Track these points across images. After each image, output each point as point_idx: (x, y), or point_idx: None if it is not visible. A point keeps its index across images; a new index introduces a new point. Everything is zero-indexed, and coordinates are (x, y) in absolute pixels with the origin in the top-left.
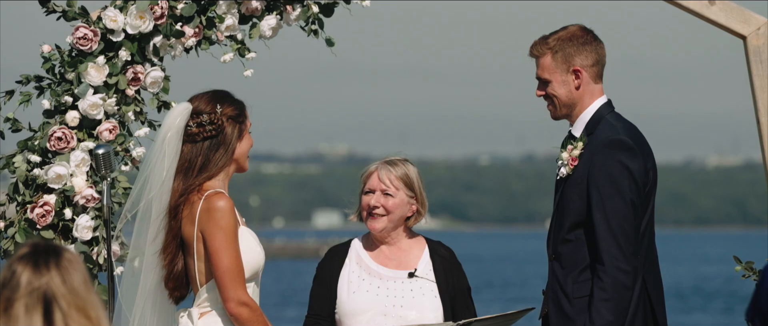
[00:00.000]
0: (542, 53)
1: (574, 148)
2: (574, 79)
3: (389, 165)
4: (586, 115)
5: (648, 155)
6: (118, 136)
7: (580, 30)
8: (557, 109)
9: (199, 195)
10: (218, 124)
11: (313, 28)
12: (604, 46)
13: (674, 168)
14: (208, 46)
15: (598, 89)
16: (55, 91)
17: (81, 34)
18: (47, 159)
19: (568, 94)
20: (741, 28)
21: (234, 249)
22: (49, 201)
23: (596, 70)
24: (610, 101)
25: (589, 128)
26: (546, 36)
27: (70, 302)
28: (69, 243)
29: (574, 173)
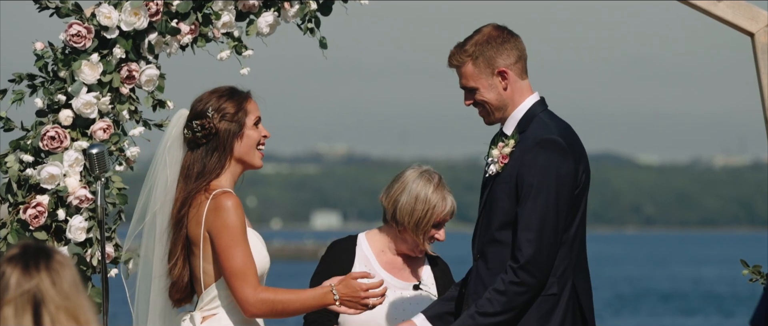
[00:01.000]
0: (462, 62)
1: (505, 145)
2: (501, 81)
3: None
4: (518, 113)
5: (581, 156)
6: (113, 136)
7: (494, 29)
8: (490, 114)
9: (207, 195)
10: (209, 130)
11: (309, 26)
12: (521, 40)
13: (680, 168)
14: (205, 43)
15: (527, 85)
16: (48, 90)
17: (74, 31)
18: (40, 159)
19: (497, 98)
20: (749, 25)
21: (244, 248)
22: (41, 202)
23: (520, 66)
24: (543, 99)
25: (521, 126)
26: (461, 43)
27: (59, 305)
28: (62, 244)
29: (503, 171)
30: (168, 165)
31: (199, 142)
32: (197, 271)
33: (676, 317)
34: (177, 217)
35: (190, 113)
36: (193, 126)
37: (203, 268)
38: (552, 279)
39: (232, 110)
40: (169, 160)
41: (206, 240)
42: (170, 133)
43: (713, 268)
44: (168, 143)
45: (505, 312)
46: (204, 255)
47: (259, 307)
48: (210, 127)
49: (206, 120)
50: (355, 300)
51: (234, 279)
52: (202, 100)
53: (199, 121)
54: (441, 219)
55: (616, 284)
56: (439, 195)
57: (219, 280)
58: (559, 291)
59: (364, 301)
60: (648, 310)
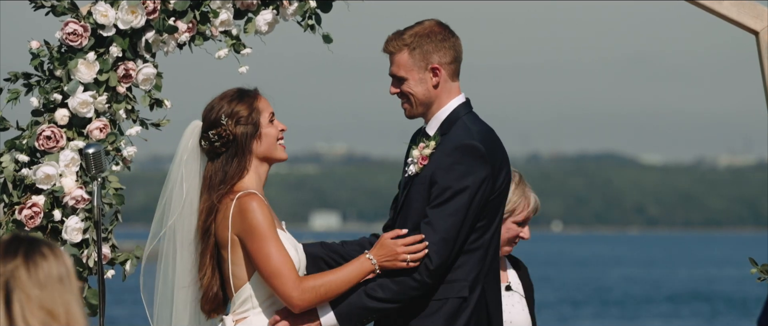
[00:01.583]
0: (398, 49)
1: (426, 146)
2: (432, 77)
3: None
4: (442, 113)
5: (502, 162)
6: (109, 135)
7: (437, 25)
8: (413, 107)
9: (231, 198)
10: (226, 137)
11: (309, 22)
12: (460, 42)
13: (684, 169)
14: (202, 41)
15: (456, 87)
16: (44, 89)
17: (70, 29)
18: (36, 158)
19: (425, 93)
20: (753, 24)
21: (275, 245)
22: (37, 203)
23: (454, 67)
24: (469, 101)
25: (443, 128)
26: (401, 31)
27: (31, 295)
28: (58, 245)
29: (421, 172)
30: (185, 180)
31: (219, 151)
32: (227, 275)
33: (677, 319)
34: (204, 228)
35: (203, 124)
36: (210, 137)
37: (232, 272)
38: (464, 283)
39: (245, 112)
40: (185, 174)
41: (235, 244)
42: (186, 146)
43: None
44: (184, 157)
45: (392, 301)
46: (232, 259)
47: (304, 298)
48: (227, 134)
49: (222, 128)
50: (393, 258)
51: (273, 279)
52: (214, 108)
53: (214, 130)
54: (524, 218)
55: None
56: (519, 194)
57: (248, 283)
58: (469, 295)
59: (402, 257)
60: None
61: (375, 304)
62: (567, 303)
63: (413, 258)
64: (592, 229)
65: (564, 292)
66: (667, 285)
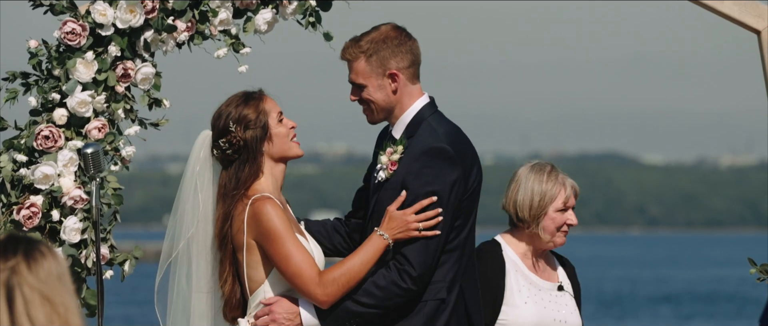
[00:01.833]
0: (355, 57)
1: (394, 151)
2: (391, 83)
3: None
4: (406, 116)
5: (472, 161)
6: (108, 135)
7: (393, 30)
8: (374, 113)
9: (245, 202)
10: (237, 143)
11: (310, 20)
12: (418, 44)
13: (685, 168)
14: (201, 41)
15: (417, 89)
16: (42, 88)
17: (69, 28)
18: (34, 158)
19: (385, 99)
20: (755, 23)
21: (293, 245)
22: (35, 203)
23: (413, 70)
24: (433, 100)
25: (409, 130)
26: (358, 38)
27: (34, 287)
28: (56, 245)
29: (391, 177)
30: (200, 190)
31: (231, 158)
32: (243, 279)
33: (680, 321)
34: (221, 235)
35: (213, 132)
36: (221, 145)
37: (248, 275)
38: (442, 284)
39: (253, 116)
40: (199, 185)
41: (250, 248)
42: (198, 156)
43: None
44: (197, 168)
45: (376, 307)
46: (248, 262)
47: (328, 293)
48: (237, 140)
49: (231, 135)
50: (405, 229)
51: (295, 279)
52: (221, 116)
53: (224, 138)
54: (564, 203)
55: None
56: (552, 182)
57: (264, 284)
58: (447, 296)
59: (414, 226)
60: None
61: (358, 309)
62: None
63: (426, 226)
64: (593, 229)
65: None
66: (668, 286)
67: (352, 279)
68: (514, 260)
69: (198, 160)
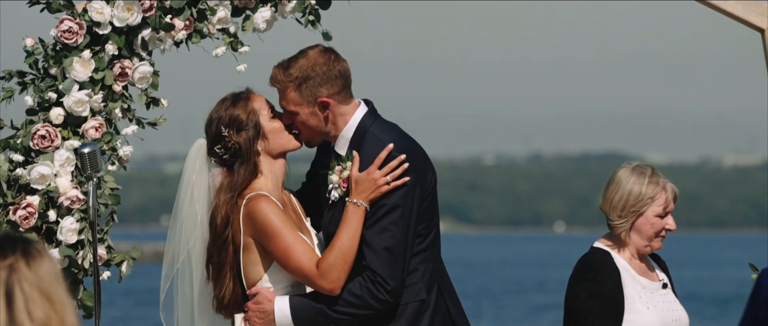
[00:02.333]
0: (285, 86)
1: (343, 169)
2: (323, 110)
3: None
4: (347, 132)
5: (424, 162)
6: (105, 134)
7: (321, 55)
8: (311, 138)
9: (240, 202)
10: (233, 147)
11: (310, 19)
12: (346, 63)
13: (688, 168)
14: (199, 39)
15: (352, 106)
16: (39, 87)
17: (66, 27)
18: (30, 158)
19: (318, 124)
20: (759, 21)
21: (293, 240)
22: (32, 203)
23: (344, 93)
24: (371, 106)
25: (354, 145)
26: (286, 64)
27: (33, 284)
28: (53, 246)
29: (345, 195)
30: (196, 201)
31: (230, 162)
32: (241, 276)
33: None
34: (221, 239)
35: (207, 140)
36: (217, 152)
37: (246, 273)
38: (420, 285)
39: (243, 116)
40: (196, 195)
41: (248, 247)
42: (193, 166)
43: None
44: (193, 177)
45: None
46: (247, 260)
47: (332, 279)
48: (232, 144)
49: (225, 140)
50: (375, 188)
51: (298, 274)
52: (212, 122)
53: (219, 144)
54: (664, 209)
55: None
56: (653, 185)
57: (262, 279)
58: (427, 296)
59: (383, 182)
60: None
61: (334, 315)
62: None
63: (393, 176)
64: (595, 230)
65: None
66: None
67: (347, 257)
68: (625, 266)
69: (194, 169)
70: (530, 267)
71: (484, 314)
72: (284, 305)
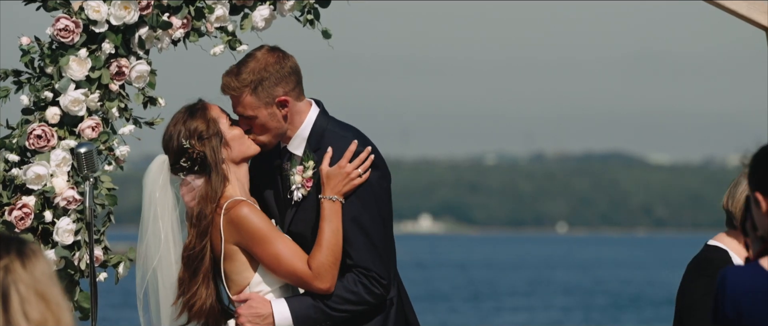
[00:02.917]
0: (240, 92)
1: (306, 169)
2: (282, 109)
3: None
4: (302, 131)
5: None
6: (102, 134)
7: (270, 55)
8: (269, 141)
9: (218, 211)
10: (198, 157)
11: (309, 17)
12: (295, 60)
13: (693, 168)
14: (197, 38)
15: (305, 104)
16: (35, 86)
17: (62, 25)
18: (26, 158)
19: (278, 125)
20: (763, 20)
21: (280, 242)
22: (28, 203)
23: (298, 90)
24: (322, 106)
25: (312, 144)
26: (237, 71)
27: (29, 285)
28: (49, 247)
29: (309, 194)
30: (160, 218)
31: (198, 174)
32: (224, 284)
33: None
34: (197, 251)
35: (169, 156)
36: (182, 165)
37: (233, 280)
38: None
39: (203, 126)
40: (160, 212)
41: (232, 254)
42: (156, 182)
43: None
44: (156, 194)
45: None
46: (232, 268)
47: (325, 278)
48: (197, 154)
49: (189, 152)
50: (347, 179)
51: (291, 277)
52: (172, 137)
53: (184, 157)
54: None
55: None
56: None
57: (247, 288)
58: (393, 295)
59: (354, 175)
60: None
61: (333, 313)
62: (573, 307)
63: (364, 168)
64: (598, 231)
65: (570, 296)
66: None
67: (336, 253)
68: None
69: (156, 186)
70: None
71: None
72: (283, 308)
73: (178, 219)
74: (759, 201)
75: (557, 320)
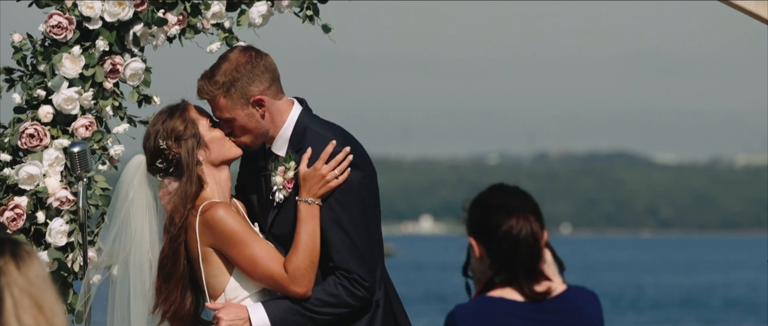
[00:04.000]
0: (214, 95)
1: (287, 169)
2: (258, 109)
3: None
4: (285, 131)
5: (368, 157)
6: (95, 133)
7: (242, 55)
8: (251, 142)
9: (194, 213)
10: (173, 159)
11: (308, 13)
12: (270, 58)
13: (699, 168)
14: (193, 34)
15: (285, 102)
16: (27, 84)
17: (55, 21)
18: (18, 158)
19: (257, 125)
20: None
21: (256, 244)
22: (20, 204)
23: (275, 87)
24: (305, 104)
25: (294, 144)
26: (210, 74)
27: (23, 288)
28: (42, 249)
29: (291, 196)
30: (133, 218)
31: (175, 175)
32: (202, 288)
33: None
34: (171, 253)
35: (146, 156)
36: (158, 166)
37: (208, 283)
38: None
39: (181, 127)
40: (133, 212)
41: (207, 256)
42: (131, 182)
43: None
44: (130, 194)
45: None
46: (206, 270)
47: (301, 282)
48: (173, 155)
49: (165, 153)
50: (323, 182)
51: (267, 281)
52: (150, 137)
53: (160, 158)
54: None
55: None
56: None
57: (227, 286)
58: (379, 297)
59: (331, 177)
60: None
61: (313, 316)
62: None
63: (341, 169)
64: (602, 232)
65: None
66: (680, 290)
67: (313, 256)
68: None
69: (132, 186)
70: None
71: None
72: (261, 313)
73: (158, 222)
74: (473, 246)
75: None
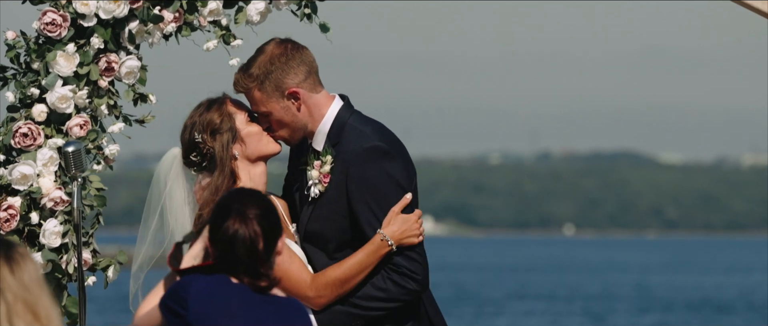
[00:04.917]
0: (249, 88)
1: (323, 163)
2: (294, 102)
3: None
4: (324, 126)
5: (407, 152)
6: (90, 132)
7: (277, 47)
8: (290, 136)
9: None
10: (208, 153)
11: (306, 11)
12: (308, 51)
13: (704, 168)
14: (190, 32)
15: (324, 96)
16: (21, 83)
17: (49, 19)
18: (11, 157)
19: (293, 119)
20: None
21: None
22: (13, 204)
23: (312, 79)
24: (347, 99)
25: (332, 138)
26: (246, 66)
27: (17, 294)
28: (35, 250)
29: (327, 191)
30: (168, 210)
31: (209, 168)
32: None
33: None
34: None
35: (182, 148)
36: (193, 160)
37: None
38: None
39: (217, 120)
40: (169, 205)
41: None
42: (167, 175)
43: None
44: (167, 186)
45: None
46: None
47: (322, 295)
48: (207, 149)
49: (200, 146)
50: (411, 233)
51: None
52: (186, 128)
53: (194, 151)
54: None
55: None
56: None
57: None
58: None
59: (420, 231)
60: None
61: (361, 312)
62: (578, 311)
63: (423, 231)
64: (606, 233)
65: (576, 299)
66: (686, 292)
67: (348, 281)
68: None
69: (168, 178)
70: (538, 270)
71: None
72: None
73: (187, 213)
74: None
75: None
